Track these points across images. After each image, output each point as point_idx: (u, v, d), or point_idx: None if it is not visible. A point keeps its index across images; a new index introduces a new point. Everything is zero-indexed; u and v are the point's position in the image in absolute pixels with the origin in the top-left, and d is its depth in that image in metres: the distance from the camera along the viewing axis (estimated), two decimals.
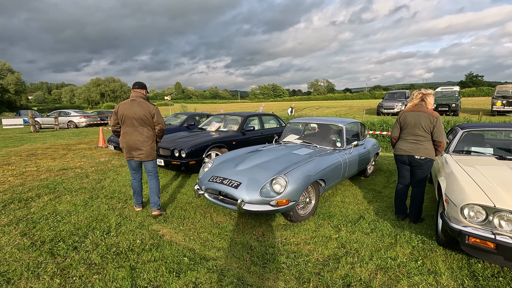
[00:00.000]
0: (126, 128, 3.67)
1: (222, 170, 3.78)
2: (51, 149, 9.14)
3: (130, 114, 3.60)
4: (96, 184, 5.19)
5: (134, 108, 3.59)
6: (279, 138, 5.43)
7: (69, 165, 6.67)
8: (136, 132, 3.64)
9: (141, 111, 3.60)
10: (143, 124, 3.64)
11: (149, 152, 3.71)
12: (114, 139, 7.87)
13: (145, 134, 3.69)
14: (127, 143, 3.67)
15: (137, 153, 3.69)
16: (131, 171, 3.89)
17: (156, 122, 3.72)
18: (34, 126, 15.47)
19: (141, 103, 3.64)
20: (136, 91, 3.79)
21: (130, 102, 3.68)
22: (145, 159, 3.70)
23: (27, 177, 5.55)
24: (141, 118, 3.61)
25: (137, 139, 3.64)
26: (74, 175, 5.78)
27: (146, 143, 3.69)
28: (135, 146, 3.65)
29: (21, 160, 7.35)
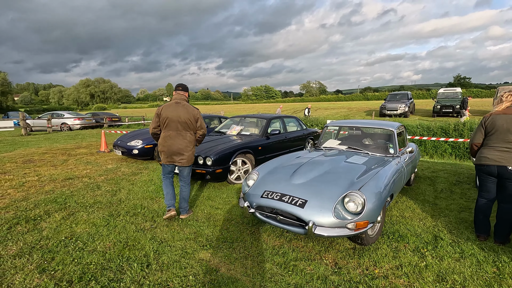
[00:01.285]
0: (169, 132, 3.53)
1: (274, 184, 3.19)
2: (48, 155, 8.37)
3: (175, 117, 3.47)
4: (111, 197, 4.53)
5: (179, 111, 3.48)
6: (315, 143, 4.88)
7: (74, 174, 5.96)
8: (180, 137, 3.52)
9: (186, 115, 3.48)
10: (187, 128, 3.54)
11: (190, 157, 3.61)
12: (121, 143, 7.20)
13: (188, 139, 3.58)
14: (169, 147, 3.52)
15: (179, 158, 3.55)
16: (165, 175, 3.75)
17: (199, 127, 3.62)
18: (25, 129, 14.54)
19: (186, 107, 3.53)
20: (180, 93, 3.67)
21: (174, 104, 3.53)
22: (186, 164, 3.59)
23: (29, 189, 4.85)
24: (185, 122, 3.50)
25: (180, 143, 3.52)
26: (83, 185, 5.10)
27: (188, 148, 3.58)
28: (178, 151, 3.52)
29: (18, 167, 6.60)
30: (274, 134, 6.15)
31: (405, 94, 22.15)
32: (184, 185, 3.77)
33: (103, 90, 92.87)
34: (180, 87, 3.70)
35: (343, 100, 67.33)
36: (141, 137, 7.16)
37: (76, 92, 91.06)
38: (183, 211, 3.76)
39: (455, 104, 18.57)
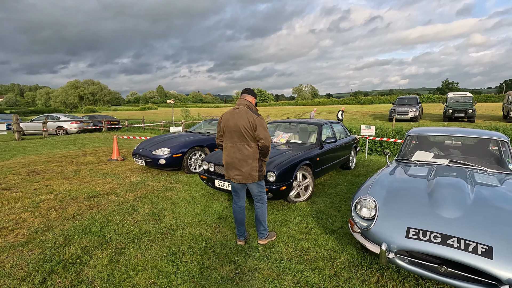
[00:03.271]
0: (226, 143, 3.05)
1: (416, 217, 2.36)
2: (53, 163, 7.33)
3: (231, 125, 2.96)
4: (156, 223, 3.60)
5: (235, 118, 2.94)
6: (399, 155, 4.08)
7: (95, 189, 4.99)
8: (235, 148, 2.97)
9: (241, 122, 2.90)
10: (243, 138, 2.92)
11: (249, 173, 2.95)
12: (144, 152, 6.24)
13: (244, 152, 2.94)
14: (225, 160, 3.05)
15: (234, 173, 2.99)
16: (233, 194, 3.18)
17: (257, 136, 2.91)
18: (19, 133, 13.31)
19: (243, 113, 2.93)
20: (243, 97, 3.11)
21: (232, 111, 3.03)
22: (243, 181, 2.97)
23: (49, 213, 3.87)
24: (240, 131, 2.91)
25: (235, 156, 2.96)
26: (115, 207, 4.15)
27: (245, 162, 2.93)
28: (233, 165, 2.98)
29: (23, 181, 5.57)
30: (330, 142, 5.33)
31: (413, 98, 21.73)
32: (258, 204, 3.13)
33: (92, 92, 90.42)
34: (247, 90, 3.15)
35: (336, 103, 67.34)
36: (167, 145, 6.23)
37: (65, 93, 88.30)
38: (260, 234, 3.16)
39: (467, 108, 18.18)
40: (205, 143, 6.57)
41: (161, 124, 19.50)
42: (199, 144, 6.45)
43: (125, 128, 19.86)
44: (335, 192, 5.07)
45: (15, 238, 3.10)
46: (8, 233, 3.23)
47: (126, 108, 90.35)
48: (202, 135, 7.06)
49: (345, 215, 3.96)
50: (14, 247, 2.90)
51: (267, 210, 3.19)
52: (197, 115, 22.41)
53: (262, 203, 3.12)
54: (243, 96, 3.13)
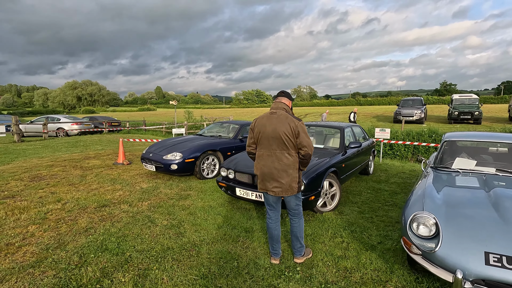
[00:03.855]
0: (262, 151, 2.73)
1: (493, 238, 2.05)
2: (57, 168, 6.99)
3: (268, 131, 2.65)
4: (177, 238, 3.28)
5: (273, 123, 2.64)
6: (435, 162, 3.78)
7: (105, 197, 4.66)
8: (273, 157, 2.65)
9: (281, 128, 2.60)
10: (283, 146, 2.62)
11: (289, 185, 2.64)
12: (154, 157, 5.92)
13: (284, 161, 2.63)
14: (261, 170, 2.72)
15: (272, 185, 2.67)
16: (267, 208, 2.85)
17: (300, 144, 2.62)
18: (18, 135, 12.93)
19: (282, 117, 2.64)
20: (279, 100, 2.82)
21: (268, 115, 2.73)
22: (283, 194, 2.66)
23: (58, 225, 3.54)
24: (280, 138, 2.60)
25: (273, 166, 2.64)
26: (129, 218, 3.82)
27: (285, 172, 2.62)
28: (271, 176, 2.66)
29: (27, 187, 5.23)
30: (354, 147, 5.03)
31: (418, 99, 21.53)
32: (294, 219, 2.83)
33: (90, 92, 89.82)
34: (282, 93, 2.89)
35: (336, 105, 67.23)
36: (179, 149, 5.91)
37: (62, 94, 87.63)
38: (297, 252, 2.85)
39: (474, 110, 17.98)
40: (218, 147, 6.26)
41: (163, 126, 19.15)
42: (212, 148, 6.13)
43: (126, 130, 19.49)
44: (360, 200, 4.77)
45: (23, 257, 2.78)
46: (15, 250, 2.90)
47: (125, 109, 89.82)
48: (214, 138, 6.74)
49: (379, 227, 3.67)
50: (23, 268, 2.57)
51: (303, 226, 2.88)
52: (200, 117, 22.07)
53: (299, 218, 2.83)
54: (279, 99, 2.83)
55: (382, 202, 4.66)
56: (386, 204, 4.56)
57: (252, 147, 2.86)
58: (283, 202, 3.05)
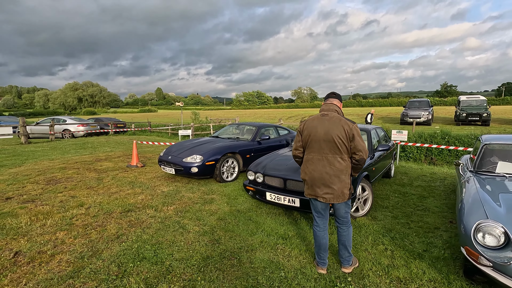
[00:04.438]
0: (311, 155, 2.60)
1: None
2: (70, 170, 6.85)
3: (319, 134, 2.52)
4: (215, 245, 3.15)
5: (325, 126, 2.51)
6: (475, 166, 3.65)
7: (128, 202, 4.53)
8: (325, 162, 2.52)
9: (334, 131, 2.46)
10: (336, 150, 2.49)
11: (341, 191, 2.50)
12: (173, 159, 5.78)
13: (336, 165, 2.50)
14: (310, 175, 2.58)
15: (323, 192, 2.53)
16: (315, 215, 2.73)
17: (354, 148, 2.48)
18: (25, 136, 12.79)
19: (335, 119, 2.52)
20: (330, 102, 2.70)
21: (319, 117, 2.61)
22: (334, 200, 2.52)
23: (88, 232, 3.40)
24: (333, 141, 2.47)
25: (325, 171, 2.51)
26: (159, 224, 3.68)
27: (337, 178, 2.49)
28: (322, 181, 2.52)
29: (45, 191, 5.09)
30: (382, 150, 4.90)
31: (425, 101, 21.41)
32: (343, 227, 2.70)
33: (91, 94, 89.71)
34: (333, 94, 2.77)
35: None
36: (199, 152, 5.77)
37: (63, 95, 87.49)
38: (345, 262, 2.71)
39: (482, 112, 17.88)
40: (237, 150, 6.13)
41: (169, 127, 19.02)
42: (232, 151, 6.00)
43: (132, 132, 19.35)
44: (390, 204, 4.63)
45: (59, 266, 2.64)
46: (49, 259, 2.76)
47: (125, 110, 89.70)
48: (232, 140, 6.61)
49: (419, 234, 3.53)
50: (62, 279, 2.43)
51: (352, 234, 2.75)
52: (205, 118, 21.94)
53: (348, 226, 2.69)
54: (330, 100, 2.70)
55: (413, 207, 4.53)
56: (418, 209, 4.43)
57: (299, 151, 2.73)
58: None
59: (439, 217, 4.07)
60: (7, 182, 5.70)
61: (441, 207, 4.51)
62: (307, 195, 2.67)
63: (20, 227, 3.48)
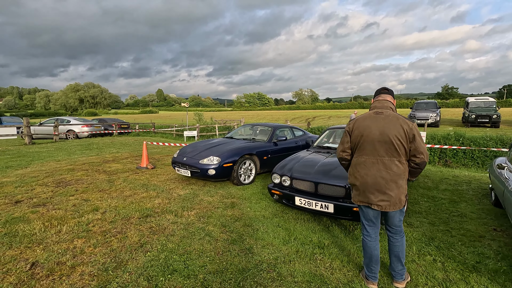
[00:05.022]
0: (364, 157, 2.33)
1: None
2: (79, 172, 6.59)
3: (373, 135, 2.25)
4: (248, 255, 2.89)
5: (380, 125, 2.25)
6: None
7: (145, 206, 4.26)
8: (380, 165, 2.26)
9: (391, 131, 2.20)
10: (393, 152, 2.22)
11: (398, 197, 2.24)
12: (189, 161, 5.52)
13: (394, 169, 2.23)
14: (362, 179, 2.31)
15: (378, 199, 2.26)
16: (365, 223, 2.44)
17: (415, 150, 2.21)
18: (29, 137, 12.54)
19: (392, 118, 2.26)
20: (384, 98, 2.43)
21: (373, 115, 2.34)
22: (390, 208, 2.24)
23: (107, 239, 3.14)
24: (391, 143, 2.21)
25: (380, 175, 2.24)
26: (183, 231, 3.42)
27: (394, 184, 2.22)
28: (376, 187, 2.25)
29: (55, 194, 4.83)
30: None
31: (432, 102, 21.16)
32: (396, 237, 2.42)
33: (93, 95, 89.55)
34: (386, 90, 2.49)
35: (339, 108, 67.03)
36: (216, 153, 5.51)
37: (65, 96, 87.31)
38: (397, 276, 2.43)
39: (492, 113, 17.62)
40: (254, 151, 5.87)
41: (173, 128, 18.77)
42: (249, 152, 5.74)
43: (136, 133, 19.10)
44: (422, 209, 4.37)
45: (82, 280, 2.37)
46: (69, 271, 2.50)
47: (126, 111, 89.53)
48: (248, 141, 6.34)
49: (465, 243, 3.26)
50: None
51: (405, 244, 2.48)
52: (210, 119, 21.69)
53: (402, 236, 2.43)
54: (383, 96, 2.44)
55: (447, 212, 4.26)
56: (453, 215, 4.16)
57: (347, 153, 2.47)
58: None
59: (480, 224, 3.80)
60: (14, 184, 5.44)
61: (477, 212, 4.24)
62: (357, 202, 2.41)
63: (34, 234, 3.22)
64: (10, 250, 2.85)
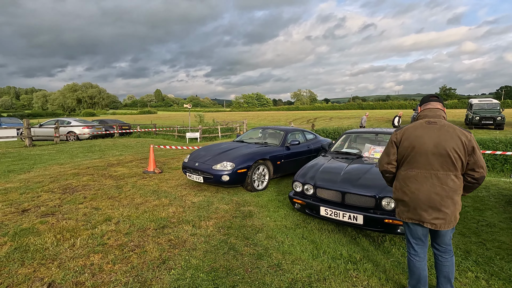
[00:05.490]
0: (415, 171, 2.13)
1: None
2: (84, 177, 6.38)
3: (427, 146, 2.06)
4: (278, 272, 2.70)
5: (434, 136, 2.06)
6: None
7: (159, 215, 4.06)
8: (434, 179, 2.06)
9: (449, 143, 2.01)
10: (450, 166, 2.03)
11: (454, 215, 2.06)
12: (201, 166, 5.32)
13: (450, 184, 2.04)
14: (413, 195, 2.11)
15: (432, 216, 2.06)
16: (412, 242, 2.25)
17: (474, 164, 2.02)
18: (30, 139, 12.28)
19: (449, 129, 2.08)
20: (435, 106, 2.23)
21: (425, 125, 2.14)
22: (446, 226, 2.06)
23: (126, 254, 2.93)
24: (447, 155, 2.02)
25: (434, 191, 2.05)
26: (204, 244, 3.22)
27: (450, 200, 2.03)
28: (430, 203, 2.06)
29: (63, 202, 4.62)
30: None
31: None
32: (446, 256, 2.22)
33: (91, 95, 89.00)
34: (436, 97, 2.30)
35: (338, 109, 67.02)
36: (229, 158, 5.31)
37: (62, 97, 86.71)
38: None
39: (496, 115, 17.56)
40: (268, 156, 5.68)
41: (175, 129, 18.54)
42: (263, 157, 5.55)
43: (137, 134, 18.86)
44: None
45: None
46: None
47: (125, 111, 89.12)
48: (260, 146, 6.15)
49: (502, 256, 3.09)
50: None
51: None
52: (212, 121, 21.49)
53: (451, 255, 2.25)
54: (434, 104, 2.25)
55: (475, 222, 4.09)
56: (481, 224, 3.99)
57: (392, 165, 2.28)
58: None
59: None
60: (19, 190, 5.22)
61: (506, 222, 4.08)
62: (405, 219, 2.22)
63: (46, 248, 3.01)
64: (22, 268, 2.64)
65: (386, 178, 2.40)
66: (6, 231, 3.44)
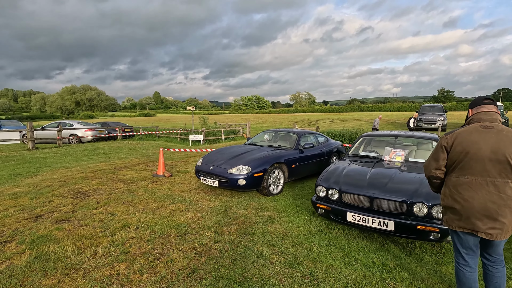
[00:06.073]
0: (468, 177, 2.02)
1: None
2: (93, 180, 6.25)
3: (483, 152, 1.95)
4: (313, 282, 2.59)
5: (491, 141, 1.94)
6: None
7: (178, 221, 3.94)
8: (490, 187, 1.96)
9: (509, 149, 1.89)
10: (508, 173, 1.92)
11: (511, 224, 1.94)
12: (216, 170, 5.21)
13: (508, 193, 1.92)
14: (466, 203, 2.00)
15: (487, 226, 1.95)
16: (462, 252, 2.14)
17: None
18: (32, 142, 12.13)
19: (508, 133, 1.95)
20: (490, 109, 2.11)
21: (479, 130, 2.03)
22: (502, 237, 1.95)
23: (151, 263, 2.82)
24: (507, 162, 1.91)
25: (490, 199, 1.94)
26: (230, 252, 3.11)
27: (508, 209, 1.92)
28: (485, 212, 1.95)
29: (76, 207, 4.49)
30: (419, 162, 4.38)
31: (438, 106, 21.05)
32: (498, 267, 2.13)
33: (89, 97, 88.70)
34: (490, 100, 2.15)
35: (337, 111, 67.10)
36: (245, 162, 5.20)
37: (61, 99, 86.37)
38: None
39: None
40: (283, 159, 5.57)
41: (178, 132, 18.42)
42: (278, 161, 5.45)
43: (139, 137, 18.71)
44: None
45: None
46: None
47: (124, 114, 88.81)
48: (274, 149, 6.05)
49: None
50: None
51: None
52: (214, 123, 21.37)
53: (503, 265, 2.15)
54: (488, 107, 2.13)
55: None
56: None
57: (441, 171, 2.17)
58: None
59: None
60: (29, 195, 5.09)
61: None
62: (456, 227, 2.11)
63: (68, 257, 2.88)
64: (46, 279, 2.52)
65: (432, 184, 2.30)
66: (23, 238, 3.31)
